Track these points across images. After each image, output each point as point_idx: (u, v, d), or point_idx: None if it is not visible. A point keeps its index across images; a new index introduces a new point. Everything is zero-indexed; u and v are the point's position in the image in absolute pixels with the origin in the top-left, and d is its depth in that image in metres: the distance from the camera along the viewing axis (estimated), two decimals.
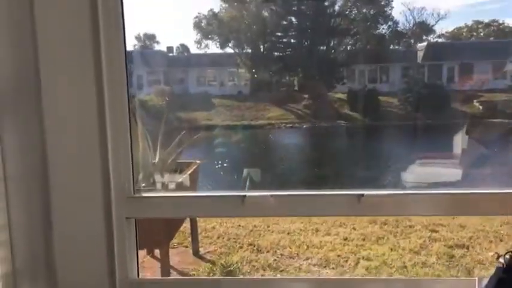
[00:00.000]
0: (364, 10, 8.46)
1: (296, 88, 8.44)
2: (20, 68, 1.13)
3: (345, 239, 3.29)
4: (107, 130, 1.15)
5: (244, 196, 1.12)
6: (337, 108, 7.93)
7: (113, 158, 1.14)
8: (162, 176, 2.60)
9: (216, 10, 8.30)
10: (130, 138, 1.17)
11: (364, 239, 3.28)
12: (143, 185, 2.39)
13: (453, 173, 3.77)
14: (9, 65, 1.12)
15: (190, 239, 3.39)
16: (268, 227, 3.39)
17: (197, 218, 3.35)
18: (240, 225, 3.44)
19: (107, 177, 1.14)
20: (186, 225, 3.23)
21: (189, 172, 2.64)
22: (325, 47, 8.77)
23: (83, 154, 1.14)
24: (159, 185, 2.58)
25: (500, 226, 3.36)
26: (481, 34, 9.26)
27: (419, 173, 4.04)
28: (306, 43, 8.66)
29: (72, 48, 1.12)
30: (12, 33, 1.10)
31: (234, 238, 3.32)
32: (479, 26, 9.06)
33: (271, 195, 1.12)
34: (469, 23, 9.06)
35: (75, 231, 1.15)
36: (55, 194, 1.14)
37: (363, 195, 1.10)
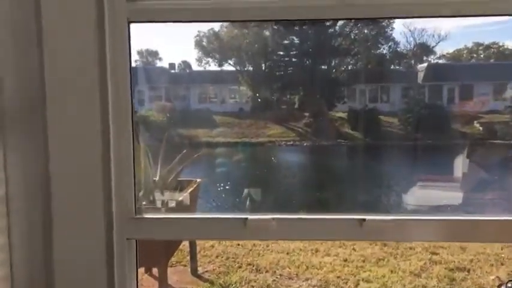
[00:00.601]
0: (365, 31, 8.57)
1: (297, 106, 8.51)
2: (25, 84, 1.13)
3: (345, 260, 3.27)
4: (111, 150, 1.15)
5: (246, 219, 1.11)
6: (338, 127, 7.97)
7: (115, 179, 1.14)
8: (162, 194, 2.59)
9: (217, 29, 8.41)
10: (133, 159, 1.17)
11: (364, 261, 3.25)
12: (144, 203, 2.39)
13: (454, 196, 3.78)
14: (15, 82, 1.12)
15: (188, 257, 3.36)
16: (267, 246, 3.37)
17: None
18: (239, 245, 3.41)
19: (109, 197, 1.14)
20: (185, 244, 3.21)
21: (190, 190, 2.63)
22: (326, 67, 8.86)
23: (85, 174, 1.14)
24: (159, 203, 2.57)
25: (501, 249, 3.34)
26: (481, 56, 9.35)
27: (420, 195, 4.05)
28: (307, 62, 8.75)
29: (78, 66, 1.13)
30: (18, 47, 1.12)
31: (233, 257, 3.30)
32: (480, 48, 9.16)
33: (273, 219, 1.11)
34: (469, 44, 9.15)
35: (76, 251, 1.15)
36: (56, 214, 1.14)
37: (364, 219, 1.09)
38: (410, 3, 1.07)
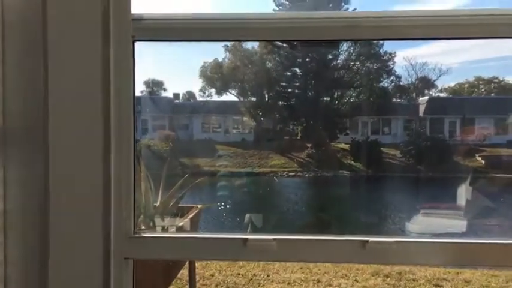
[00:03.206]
0: (368, 64, 8.71)
1: (299, 137, 8.54)
2: (29, 104, 1.14)
3: None
4: (111, 169, 1.14)
5: (247, 239, 1.09)
6: (340, 158, 7.96)
7: (115, 197, 1.13)
8: (162, 220, 2.56)
9: (222, 60, 8.57)
10: (133, 179, 1.16)
11: None
12: (143, 227, 2.36)
13: (458, 224, 3.75)
14: (19, 101, 1.13)
15: (188, 287, 3.28)
16: (268, 276, 3.30)
17: (196, 265, 3.28)
18: (239, 274, 3.34)
19: (108, 216, 1.13)
20: (184, 272, 3.14)
21: (190, 216, 2.60)
22: (328, 98, 8.94)
23: (84, 192, 1.13)
24: (159, 229, 2.54)
25: (506, 283, 3.26)
26: (482, 90, 9.47)
27: (423, 223, 4.02)
28: (310, 93, 8.84)
29: (82, 89, 1.14)
30: (23, 68, 1.13)
31: (233, 287, 3.23)
32: (481, 82, 9.28)
33: (274, 239, 1.10)
34: (471, 79, 9.29)
35: (72, 269, 1.12)
36: (54, 231, 1.12)
37: (367, 241, 1.07)
38: (414, 25, 1.08)
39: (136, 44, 1.18)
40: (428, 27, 1.09)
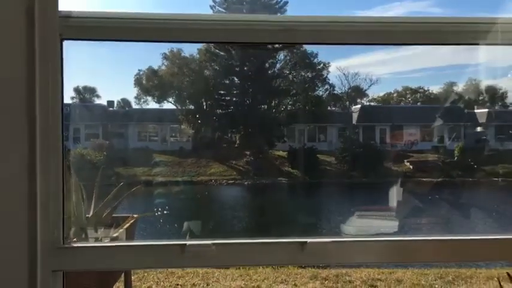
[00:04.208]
0: (303, 73, 8.96)
1: (238, 145, 8.57)
2: None
3: None
4: (37, 179, 1.07)
5: (185, 245, 1.06)
6: (278, 165, 8.08)
7: (41, 207, 1.06)
8: (95, 231, 2.44)
9: (158, 67, 8.42)
10: (62, 188, 1.09)
11: None
12: (74, 240, 2.23)
13: (390, 224, 3.95)
14: None
15: None
16: (207, 285, 3.25)
17: (132, 277, 3.16)
18: (178, 284, 3.26)
19: (33, 226, 1.05)
20: (120, 286, 3.01)
21: (126, 226, 2.50)
22: (266, 106, 9.08)
23: (7, 203, 1.04)
24: (92, 240, 2.41)
25: (435, 280, 3.45)
26: (409, 99, 10.10)
27: (358, 225, 4.18)
28: (247, 101, 8.92)
29: (5, 92, 1.06)
30: None
31: None
32: (408, 91, 9.90)
33: (213, 244, 1.07)
34: (399, 88, 9.89)
35: None
36: None
37: (306, 242, 1.08)
38: (347, 31, 1.11)
39: (67, 49, 1.12)
40: (365, 32, 1.13)
